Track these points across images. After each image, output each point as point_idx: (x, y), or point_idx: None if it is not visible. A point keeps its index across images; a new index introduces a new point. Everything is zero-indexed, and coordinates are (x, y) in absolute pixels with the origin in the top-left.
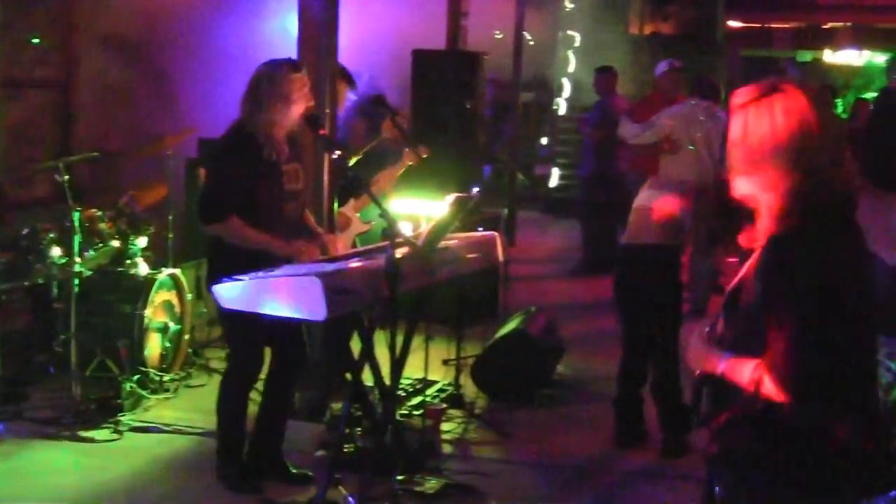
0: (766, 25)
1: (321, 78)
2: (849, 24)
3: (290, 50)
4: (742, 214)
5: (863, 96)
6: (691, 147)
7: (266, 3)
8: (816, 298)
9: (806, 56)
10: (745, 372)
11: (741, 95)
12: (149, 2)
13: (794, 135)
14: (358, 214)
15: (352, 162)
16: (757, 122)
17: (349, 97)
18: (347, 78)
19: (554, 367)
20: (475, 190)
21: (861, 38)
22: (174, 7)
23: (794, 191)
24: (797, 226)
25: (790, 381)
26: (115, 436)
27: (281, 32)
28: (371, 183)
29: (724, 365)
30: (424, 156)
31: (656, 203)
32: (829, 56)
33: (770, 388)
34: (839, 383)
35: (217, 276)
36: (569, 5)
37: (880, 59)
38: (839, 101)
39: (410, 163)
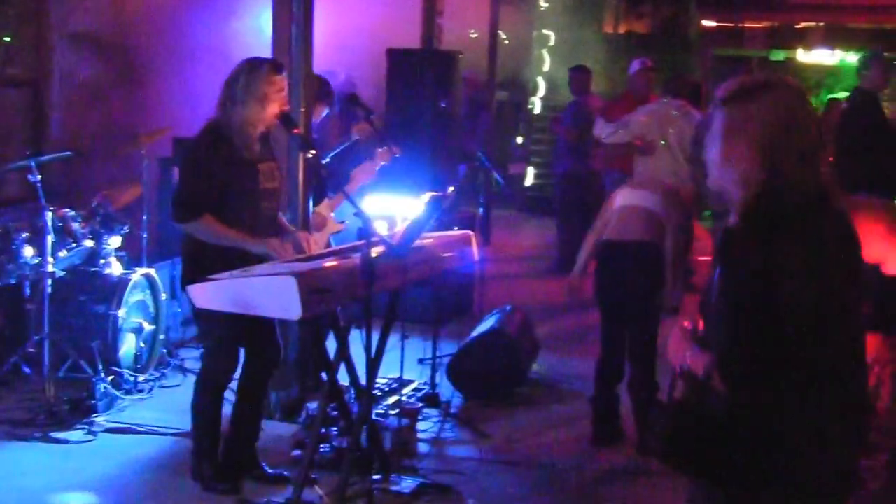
0: (740, 25)
1: (295, 77)
2: (821, 23)
3: (264, 49)
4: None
5: (835, 96)
6: (663, 142)
7: (241, 2)
8: (750, 290)
9: (779, 55)
10: (702, 364)
11: (723, 90)
12: (122, 1)
13: (767, 132)
14: (333, 214)
15: (326, 160)
16: (735, 117)
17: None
18: (326, 94)
19: (530, 366)
20: (450, 189)
21: (833, 38)
22: (148, 6)
23: (762, 187)
24: (754, 221)
25: (725, 371)
26: (89, 437)
27: (255, 31)
28: (346, 182)
29: (689, 359)
30: (397, 155)
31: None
32: (802, 55)
33: (718, 380)
34: (781, 375)
35: (191, 275)
36: (543, 4)
37: (852, 58)
38: (811, 100)
39: (384, 162)
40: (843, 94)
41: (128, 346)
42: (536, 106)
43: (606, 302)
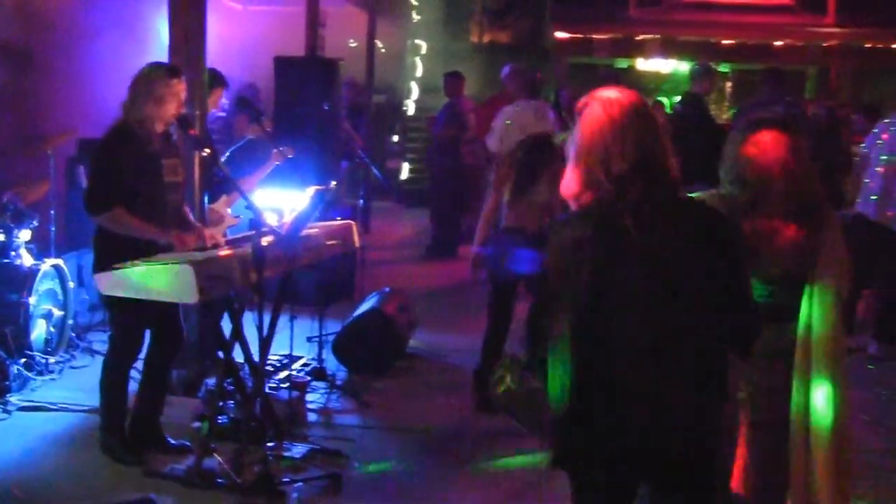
0: (588, 36)
1: (191, 82)
2: (658, 36)
3: (162, 56)
4: None
5: (659, 98)
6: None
7: (140, 14)
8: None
9: (623, 63)
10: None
11: (580, 100)
12: (28, 8)
13: (585, 139)
14: (230, 210)
15: (226, 156)
16: (577, 126)
17: (224, 95)
18: (220, 80)
19: (407, 342)
20: (333, 183)
21: (668, 49)
22: (54, 16)
23: (580, 187)
24: (565, 216)
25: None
26: (4, 415)
27: (154, 40)
28: (242, 178)
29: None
30: (290, 156)
31: None
32: (642, 64)
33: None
34: (559, 357)
35: (102, 264)
36: (416, 17)
37: (684, 67)
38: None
39: (277, 162)
40: (665, 99)
41: (39, 330)
42: (410, 108)
43: (496, 282)
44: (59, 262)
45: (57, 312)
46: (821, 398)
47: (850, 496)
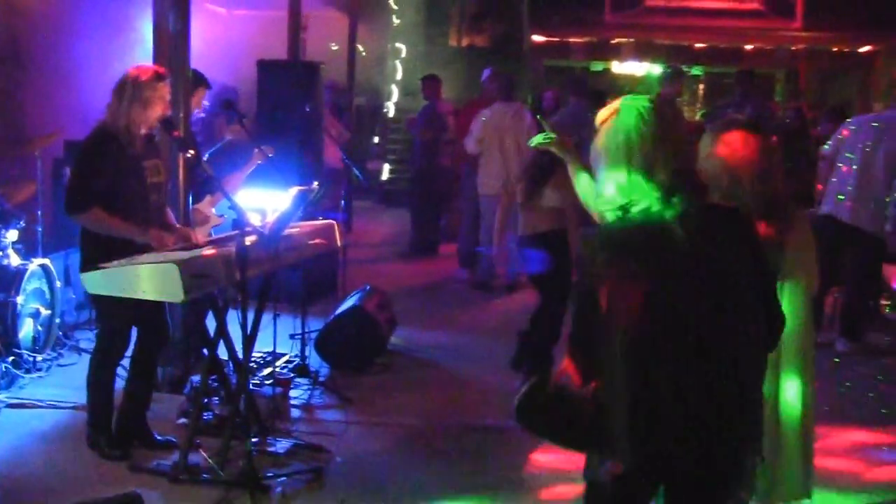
0: (565, 40)
1: (175, 85)
2: (632, 40)
3: (147, 58)
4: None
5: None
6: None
7: (126, 18)
8: (581, 291)
9: (598, 66)
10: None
11: (605, 108)
12: (14, 13)
13: (624, 146)
14: (214, 209)
15: (206, 157)
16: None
17: (206, 95)
18: (201, 80)
19: (388, 339)
20: (315, 183)
21: (642, 53)
22: (39, 21)
23: (618, 194)
24: (607, 226)
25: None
26: None
27: (139, 44)
28: (225, 178)
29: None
30: (270, 155)
31: None
32: (617, 67)
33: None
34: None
35: (88, 263)
36: (396, 21)
37: (658, 70)
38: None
39: (259, 161)
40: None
41: (26, 329)
42: (391, 110)
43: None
44: (47, 261)
45: (44, 311)
46: (790, 390)
47: (813, 478)
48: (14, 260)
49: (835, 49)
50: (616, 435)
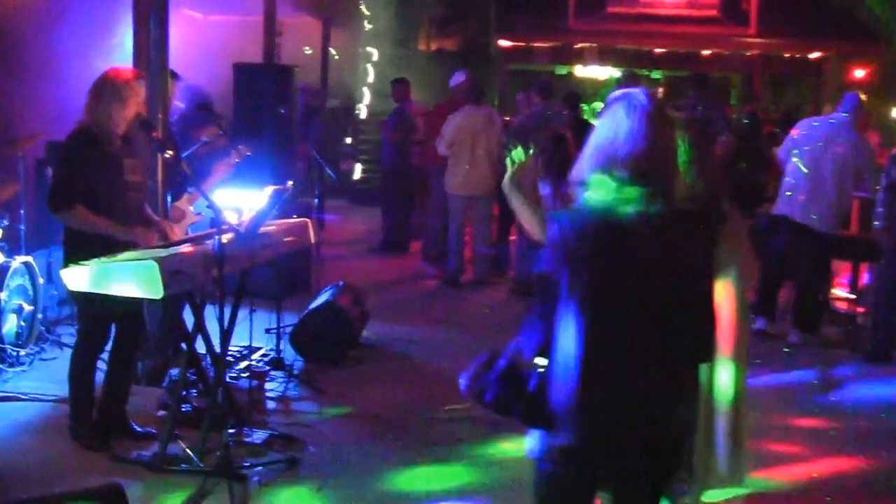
0: (530, 44)
1: (154, 88)
2: (595, 44)
3: (126, 63)
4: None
5: (594, 103)
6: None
7: (105, 22)
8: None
9: (562, 70)
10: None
11: (610, 98)
12: None
13: (601, 136)
14: (191, 207)
15: (185, 154)
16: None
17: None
18: (171, 74)
19: (360, 333)
20: (289, 183)
21: (604, 57)
22: (19, 25)
23: (589, 180)
24: (579, 206)
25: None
26: None
27: (119, 48)
28: (203, 178)
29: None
30: (248, 154)
31: None
32: (580, 70)
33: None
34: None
35: (69, 261)
36: (368, 26)
37: (618, 73)
38: (586, 107)
39: (238, 160)
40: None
41: (10, 324)
42: (363, 112)
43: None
44: (29, 259)
45: (27, 307)
46: (724, 376)
47: (745, 467)
48: None
49: (787, 55)
50: (561, 413)
